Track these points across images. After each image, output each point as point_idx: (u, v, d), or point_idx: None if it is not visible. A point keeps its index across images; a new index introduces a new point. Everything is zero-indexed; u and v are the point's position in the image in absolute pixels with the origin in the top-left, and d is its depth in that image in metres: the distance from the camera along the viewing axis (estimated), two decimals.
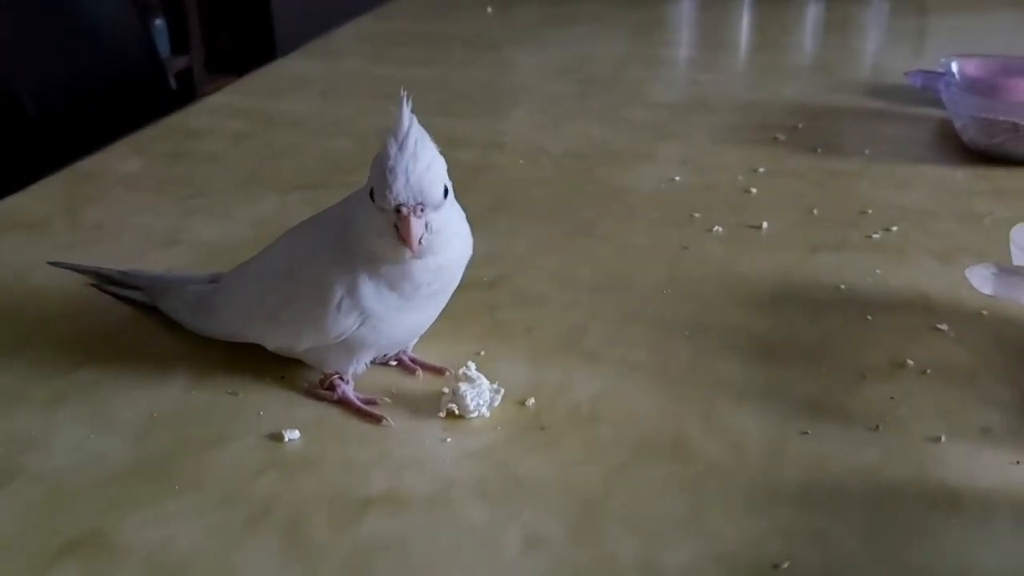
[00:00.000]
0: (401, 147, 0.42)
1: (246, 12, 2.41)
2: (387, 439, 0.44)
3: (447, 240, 0.44)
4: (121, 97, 1.15)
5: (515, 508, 0.39)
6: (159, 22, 2.24)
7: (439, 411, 0.45)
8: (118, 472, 0.42)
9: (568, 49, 1.16)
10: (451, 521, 0.39)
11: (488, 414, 0.45)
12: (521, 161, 0.79)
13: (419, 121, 0.42)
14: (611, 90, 0.99)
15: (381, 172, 0.42)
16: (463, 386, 0.45)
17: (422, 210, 0.42)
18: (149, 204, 0.72)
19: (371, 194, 0.42)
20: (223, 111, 0.95)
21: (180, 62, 2.23)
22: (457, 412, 0.45)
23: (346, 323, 0.44)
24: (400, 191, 0.41)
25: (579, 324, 0.53)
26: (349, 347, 0.46)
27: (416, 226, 0.42)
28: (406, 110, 0.43)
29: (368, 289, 0.44)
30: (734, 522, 0.38)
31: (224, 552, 0.37)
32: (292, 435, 0.44)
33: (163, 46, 2.17)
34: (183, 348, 0.51)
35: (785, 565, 0.36)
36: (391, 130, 0.42)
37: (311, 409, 0.46)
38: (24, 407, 0.47)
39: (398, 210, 0.41)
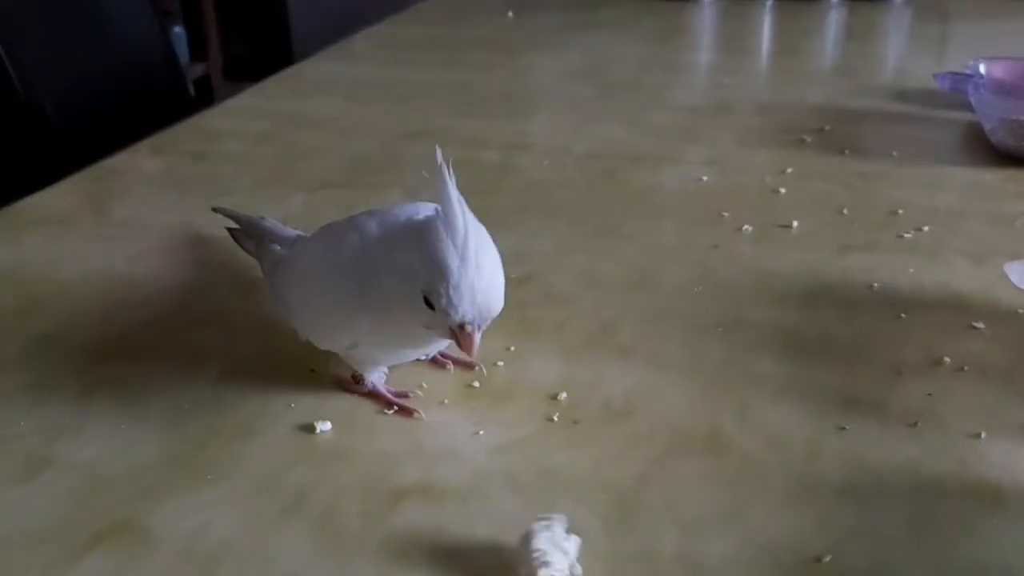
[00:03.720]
0: (463, 258, 0.38)
1: (264, 20, 2.42)
2: (419, 432, 0.44)
3: None
4: (141, 104, 1.16)
5: (550, 500, 0.39)
6: (178, 29, 2.26)
7: None
8: (151, 461, 0.42)
9: (589, 54, 1.16)
10: (486, 512, 0.38)
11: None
12: (545, 162, 0.79)
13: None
14: (633, 93, 0.98)
15: (441, 282, 0.38)
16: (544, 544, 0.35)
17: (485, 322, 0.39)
18: (174, 201, 0.72)
19: (425, 298, 0.39)
20: (244, 113, 0.95)
21: (198, 69, 2.25)
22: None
23: None
24: (466, 311, 0.38)
25: (610, 321, 0.53)
26: (392, 348, 0.45)
27: (479, 339, 0.39)
28: (453, 192, 0.38)
29: None
30: (774, 515, 0.38)
31: (258, 541, 0.37)
32: (324, 427, 0.44)
33: (182, 53, 2.19)
34: (214, 342, 0.51)
35: (827, 559, 0.36)
36: (443, 222, 0.38)
37: (342, 402, 0.46)
38: (55, 397, 0.46)
39: (462, 327, 0.39)
